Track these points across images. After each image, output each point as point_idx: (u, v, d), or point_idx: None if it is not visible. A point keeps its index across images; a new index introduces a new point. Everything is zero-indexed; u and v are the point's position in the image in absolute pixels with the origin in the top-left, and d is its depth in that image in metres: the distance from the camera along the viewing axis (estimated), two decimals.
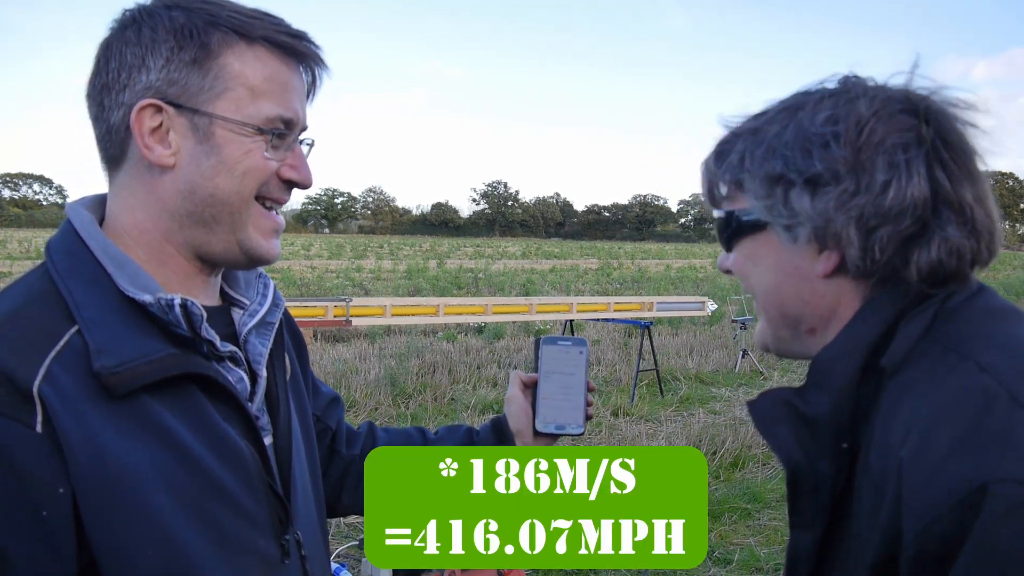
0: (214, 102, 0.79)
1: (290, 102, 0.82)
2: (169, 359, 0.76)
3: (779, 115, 0.76)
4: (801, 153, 0.72)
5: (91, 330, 0.74)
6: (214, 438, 0.79)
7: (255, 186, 0.82)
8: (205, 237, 0.82)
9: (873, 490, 0.65)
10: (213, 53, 0.78)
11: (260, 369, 0.90)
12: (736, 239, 0.82)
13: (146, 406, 0.74)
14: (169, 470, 0.74)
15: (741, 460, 5.51)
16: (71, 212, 0.83)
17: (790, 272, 0.77)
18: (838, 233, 0.71)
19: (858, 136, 0.70)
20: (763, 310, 0.83)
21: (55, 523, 0.69)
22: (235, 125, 0.79)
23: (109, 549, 0.71)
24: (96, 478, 0.70)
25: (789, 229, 0.75)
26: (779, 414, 0.75)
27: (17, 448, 0.67)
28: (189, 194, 0.80)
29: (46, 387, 0.69)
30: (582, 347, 1.17)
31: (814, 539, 0.73)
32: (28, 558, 0.68)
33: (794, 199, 0.73)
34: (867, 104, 0.71)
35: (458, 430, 1.21)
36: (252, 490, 0.82)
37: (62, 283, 0.76)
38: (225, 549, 0.78)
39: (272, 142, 0.81)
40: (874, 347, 0.71)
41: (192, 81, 0.78)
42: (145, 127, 0.78)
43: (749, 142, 0.78)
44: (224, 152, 0.79)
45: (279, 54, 0.81)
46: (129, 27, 0.79)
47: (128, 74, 0.78)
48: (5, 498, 0.67)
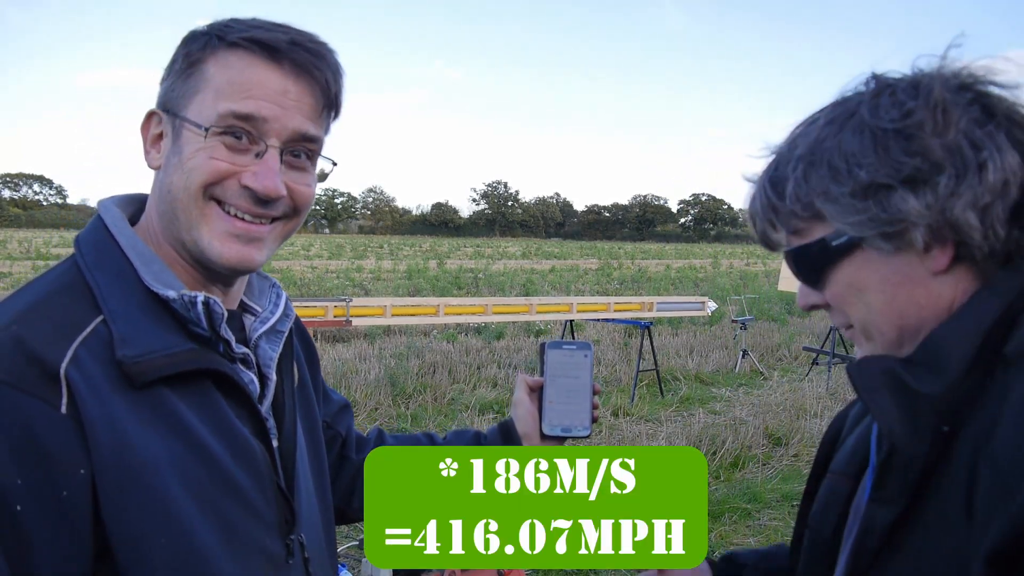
0: (187, 106, 0.82)
1: (254, 99, 0.79)
2: (190, 354, 0.78)
3: (826, 128, 0.73)
4: (882, 156, 0.69)
5: (116, 320, 0.76)
6: (228, 435, 0.80)
7: (200, 183, 0.80)
8: (176, 235, 0.84)
9: (998, 480, 0.63)
10: (197, 60, 0.82)
11: (270, 372, 0.92)
12: (827, 269, 0.76)
13: (165, 398, 0.76)
14: (185, 462, 0.76)
15: (741, 460, 5.51)
16: (102, 209, 0.86)
17: (900, 282, 0.73)
18: (956, 222, 0.68)
19: (942, 120, 0.68)
20: (875, 334, 0.76)
21: (75, 504, 0.70)
22: (192, 125, 0.81)
23: (124, 534, 0.72)
24: (116, 463, 0.72)
25: (890, 238, 0.71)
26: (884, 382, 0.72)
27: (42, 427, 0.69)
28: (164, 193, 0.83)
29: (73, 370, 0.72)
30: (587, 351, 1.18)
31: (894, 514, 0.72)
32: (47, 536, 0.69)
33: (897, 203, 0.69)
34: (925, 91, 0.70)
35: (465, 434, 1.22)
36: (262, 488, 0.83)
37: (90, 275, 0.79)
38: (234, 544, 0.79)
39: (225, 141, 0.80)
40: (991, 331, 0.69)
41: (178, 88, 0.83)
42: (149, 134, 0.85)
43: (806, 165, 0.74)
44: (183, 151, 0.82)
45: (256, 53, 0.80)
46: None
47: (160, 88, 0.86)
48: (28, 475, 0.68)
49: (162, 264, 0.82)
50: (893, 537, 0.73)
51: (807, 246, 0.76)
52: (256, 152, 0.82)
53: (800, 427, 6.15)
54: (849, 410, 0.95)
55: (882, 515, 0.73)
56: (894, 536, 0.72)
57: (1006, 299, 0.70)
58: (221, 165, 0.80)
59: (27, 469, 0.68)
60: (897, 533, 0.72)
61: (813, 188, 0.73)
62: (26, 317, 0.74)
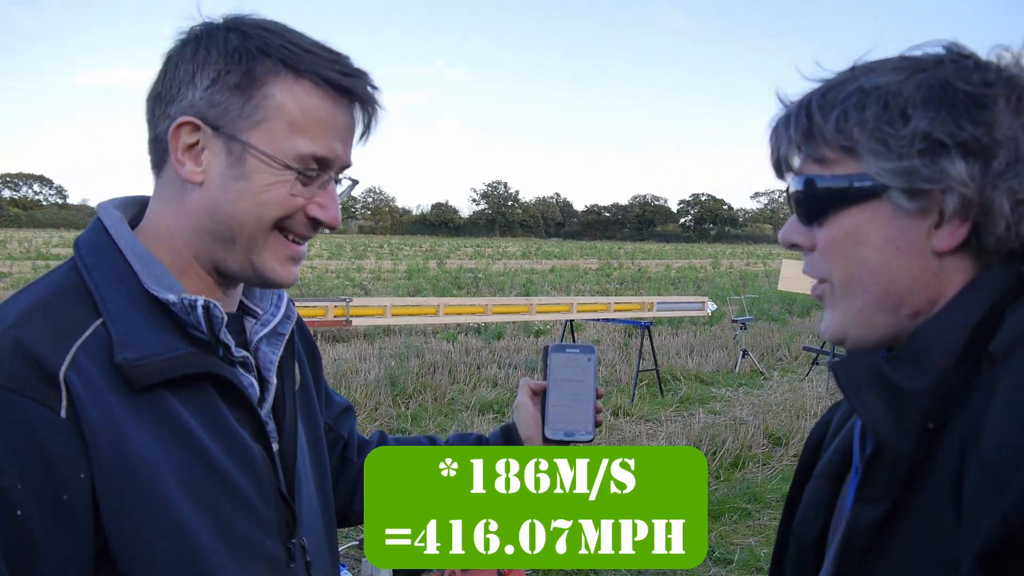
0: (251, 130, 0.79)
1: (329, 141, 0.81)
2: (189, 357, 0.78)
3: (895, 74, 0.70)
4: (947, 113, 0.67)
5: (115, 323, 0.76)
6: (228, 438, 0.80)
7: (275, 218, 0.82)
8: (222, 254, 0.83)
9: (986, 477, 0.62)
10: (258, 81, 0.78)
11: (270, 376, 0.91)
12: (834, 210, 0.72)
13: (164, 401, 0.76)
14: (185, 465, 0.76)
15: (741, 460, 5.51)
16: (102, 211, 0.85)
17: (902, 247, 0.70)
18: (990, 204, 0.66)
19: (1018, 102, 0.66)
20: (858, 292, 0.73)
21: (75, 508, 0.70)
22: (267, 157, 0.79)
23: (124, 538, 0.72)
24: (116, 466, 0.71)
25: (918, 197, 0.68)
26: (869, 379, 0.71)
27: (42, 431, 0.69)
28: (212, 212, 0.81)
29: (72, 374, 0.71)
30: (590, 354, 1.17)
31: (880, 513, 0.71)
32: (49, 540, 0.69)
33: (944, 163, 0.66)
34: (1008, 71, 0.68)
35: (468, 438, 1.22)
36: (262, 492, 0.83)
37: (89, 277, 0.79)
38: (234, 547, 0.79)
39: (300, 179, 0.81)
40: (977, 328, 0.68)
41: (233, 106, 0.79)
42: (181, 143, 0.80)
43: (860, 98, 0.70)
44: (252, 180, 0.80)
45: (328, 91, 0.80)
46: (189, 43, 0.81)
47: (178, 89, 0.80)
48: (29, 480, 0.68)
49: (162, 267, 0.81)
50: (879, 536, 0.72)
51: (824, 177, 0.72)
52: (320, 183, 0.83)
53: (800, 427, 6.15)
54: (833, 414, 0.94)
55: (868, 514, 0.72)
56: (880, 535, 0.72)
57: (992, 296, 0.69)
58: (298, 201, 0.82)
59: (27, 473, 0.68)
60: (883, 532, 0.72)
61: (863, 120, 0.70)
62: (25, 320, 0.73)
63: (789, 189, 0.77)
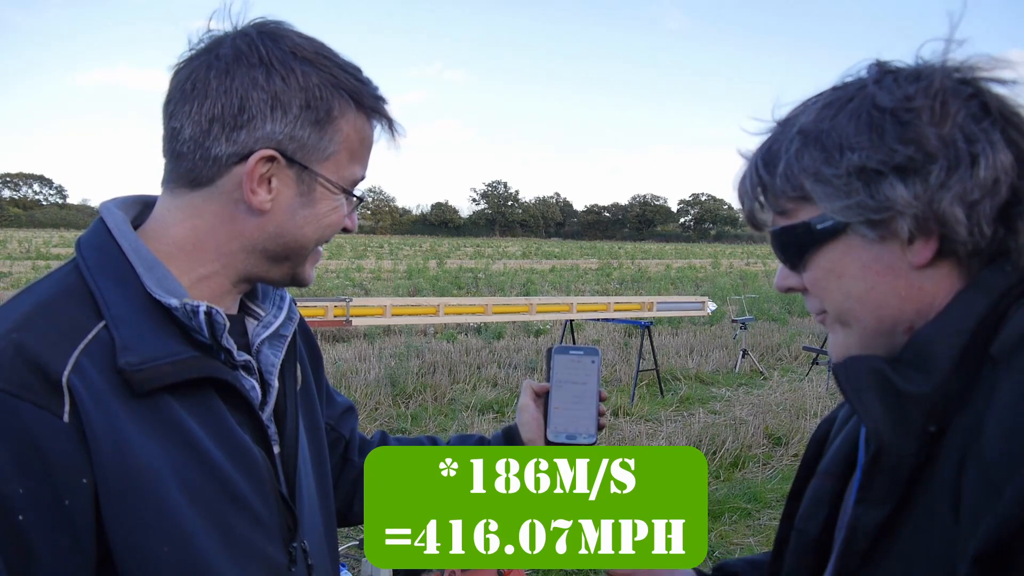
0: (323, 162, 0.83)
1: (367, 163, 0.89)
2: (192, 361, 0.78)
3: (824, 111, 0.72)
4: (876, 141, 0.69)
5: (118, 327, 0.75)
6: (229, 443, 0.80)
7: (330, 236, 0.88)
8: (267, 268, 0.87)
9: (986, 479, 0.62)
10: (334, 118, 0.82)
11: (272, 379, 0.91)
12: (809, 252, 0.75)
13: (166, 406, 0.75)
14: (186, 470, 0.75)
15: (741, 460, 5.51)
16: (104, 211, 0.84)
17: (881, 272, 0.72)
18: (943, 215, 0.67)
19: (940, 111, 0.67)
20: (851, 321, 0.76)
21: (77, 513, 0.70)
22: (333, 186, 0.84)
23: (126, 543, 0.72)
24: (118, 472, 0.71)
25: (875, 226, 0.70)
26: (871, 383, 0.71)
27: (45, 436, 0.68)
28: (276, 237, 0.84)
29: (75, 378, 0.71)
30: (594, 356, 1.16)
31: (882, 515, 0.71)
32: (50, 546, 0.69)
33: (886, 190, 0.68)
34: (927, 80, 0.69)
35: (470, 439, 1.22)
36: (263, 496, 0.83)
37: (91, 279, 0.78)
38: (235, 552, 0.79)
39: (351, 202, 0.88)
40: (977, 330, 0.68)
41: (311, 140, 0.82)
42: (257, 173, 0.80)
43: (800, 144, 0.73)
44: (318, 206, 0.84)
45: (372, 120, 0.87)
46: (257, 68, 0.79)
47: (250, 117, 0.79)
48: (31, 485, 0.68)
49: (166, 270, 0.80)
50: (881, 538, 0.72)
51: (792, 227, 0.75)
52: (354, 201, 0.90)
53: (800, 427, 6.15)
54: (838, 411, 0.94)
55: (869, 516, 0.73)
56: (882, 537, 0.72)
57: (992, 297, 0.69)
58: (345, 219, 0.89)
59: (29, 478, 0.68)
60: (885, 534, 0.72)
61: (804, 168, 0.72)
62: (27, 323, 0.73)
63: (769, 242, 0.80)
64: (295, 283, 0.90)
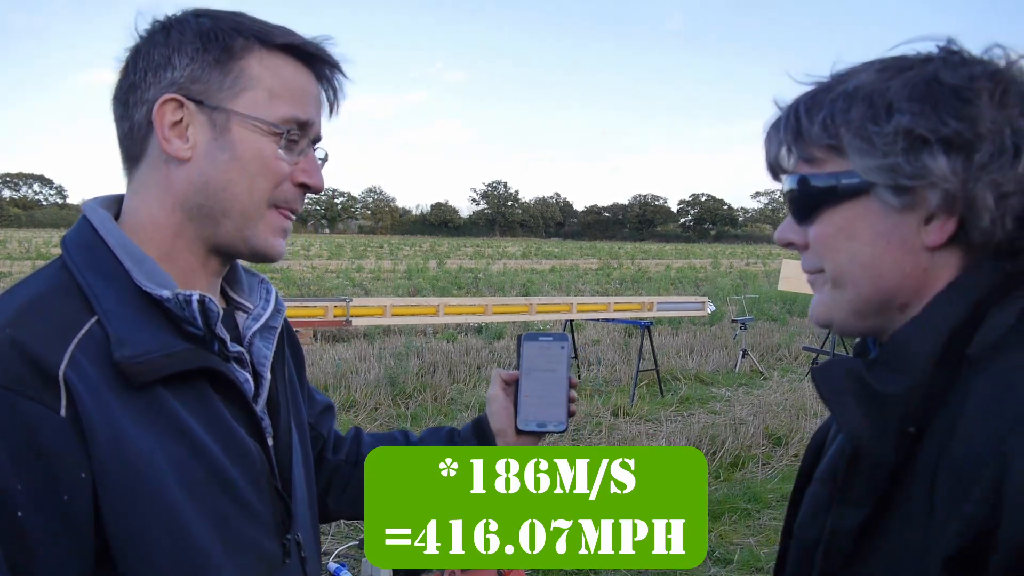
0: (233, 100, 0.82)
1: (306, 106, 0.85)
2: (187, 353, 0.78)
3: (880, 74, 0.71)
4: (930, 110, 0.67)
5: (111, 321, 0.76)
6: (224, 435, 0.80)
7: (268, 187, 0.84)
8: (213, 229, 0.84)
9: (956, 480, 0.63)
10: (235, 56, 0.82)
11: (264, 371, 0.91)
12: (825, 207, 0.73)
13: (162, 398, 0.76)
14: (183, 463, 0.75)
15: (741, 460, 5.51)
16: (88, 210, 0.85)
17: (893, 243, 0.71)
18: (973, 198, 0.66)
19: (1003, 95, 0.67)
20: (847, 285, 0.74)
21: (76, 508, 0.70)
22: (252, 121, 0.82)
23: (125, 537, 0.72)
24: (116, 466, 0.71)
25: (903, 193, 0.68)
26: (847, 385, 0.71)
27: (43, 431, 0.68)
28: (202, 187, 0.82)
29: (71, 372, 0.71)
30: (563, 342, 1.15)
31: (862, 517, 0.71)
32: (50, 542, 0.69)
33: (926, 158, 0.67)
34: (994, 67, 0.68)
35: (440, 431, 1.21)
36: (258, 489, 0.83)
37: (80, 276, 0.78)
38: (231, 545, 0.79)
39: (285, 143, 0.84)
40: (955, 331, 0.68)
41: (214, 80, 0.81)
42: (166, 120, 0.81)
43: (847, 98, 0.71)
44: (239, 148, 0.82)
45: (296, 62, 0.85)
46: (158, 32, 0.83)
47: (154, 73, 0.82)
48: (29, 480, 0.68)
49: (153, 263, 0.81)
50: (863, 539, 0.72)
51: (814, 176, 0.74)
52: (300, 150, 0.86)
53: (800, 427, 6.15)
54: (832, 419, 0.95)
55: (849, 518, 0.73)
56: (864, 538, 0.72)
57: (971, 298, 0.69)
58: (284, 167, 0.84)
59: (27, 474, 0.68)
60: (866, 536, 0.72)
61: (847, 120, 0.71)
62: (20, 319, 0.73)
63: (783, 189, 0.78)
64: (256, 254, 0.86)
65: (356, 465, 1.15)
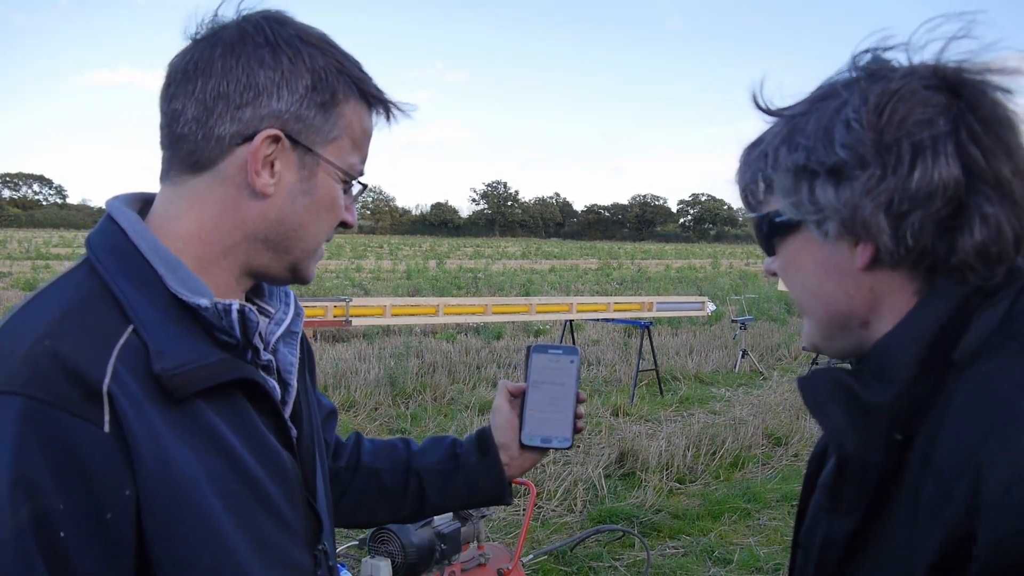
0: (326, 146, 0.82)
1: (367, 158, 0.88)
2: (225, 364, 0.76)
3: (808, 106, 0.72)
4: (823, 142, 0.68)
5: (148, 331, 0.73)
6: (260, 448, 0.79)
7: (331, 229, 0.86)
8: (267, 260, 0.83)
9: (937, 488, 0.62)
10: (338, 102, 0.81)
11: (291, 379, 0.90)
12: (773, 242, 0.78)
13: (200, 411, 0.74)
14: (222, 478, 0.74)
15: (741, 460, 5.51)
16: (115, 210, 0.80)
17: (830, 270, 0.73)
18: (867, 222, 0.67)
19: (879, 117, 0.66)
20: (808, 312, 0.78)
21: (118, 525, 0.68)
22: (335, 170, 0.83)
23: (167, 554, 0.70)
24: (160, 481, 0.69)
25: (819, 225, 0.71)
26: (833, 394, 0.71)
27: (86, 448, 0.66)
28: (277, 224, 0.81)
29: (115, 386, 0.69)
30: (573, 356, 1.12)
31: (852, 525, 0.71)
32: (89, 560, 0.67)
33: (818, 192, 0.69)
34: (887, 83, 0.67)
35: (442, 442, 1.17)
36: (291, 500, 0.82)
37: (113, 282, 0.75)
38: (267, 559, 0.78)
39: (349, 190, 0.87)
40: (938, 337, 0.67)
41: (316, 122, 0.80)
42: (261, 153, 0.78)
43: (777, 138, 0.74)
44: (319, 192, 0.82)
45: (370, 109, 0.86)
46: (263, 47, 0.78)
47: (256, 95, 0.77)
48: (71, 499, 0.66)
49: (187, 270, 0.77)
50: (855, 547, 0.72)
51: (760, 217, 0.78)
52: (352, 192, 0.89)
53: (800, 427, 6.15)
54: None
55: (839, 526, 0.72)
56: (856, 546, 0.72)
57: (952, 304, 0.68)
58: (343, 211, 0.87)
59: (69, 492, 0.65)
60: (858, 543, 0.72)
61: (770, 162, 0.74)
62: (58, 330, 0.70)
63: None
64: (297, 279, 0.88)
65: (355, 472, 1.14)
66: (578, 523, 4.41)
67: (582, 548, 3.97)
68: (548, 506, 4.58)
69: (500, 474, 1.12)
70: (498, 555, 2.48)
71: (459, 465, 1.12)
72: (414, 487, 1.13)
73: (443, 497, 1.13)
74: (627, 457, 5.31)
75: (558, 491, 4.70)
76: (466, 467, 1.12)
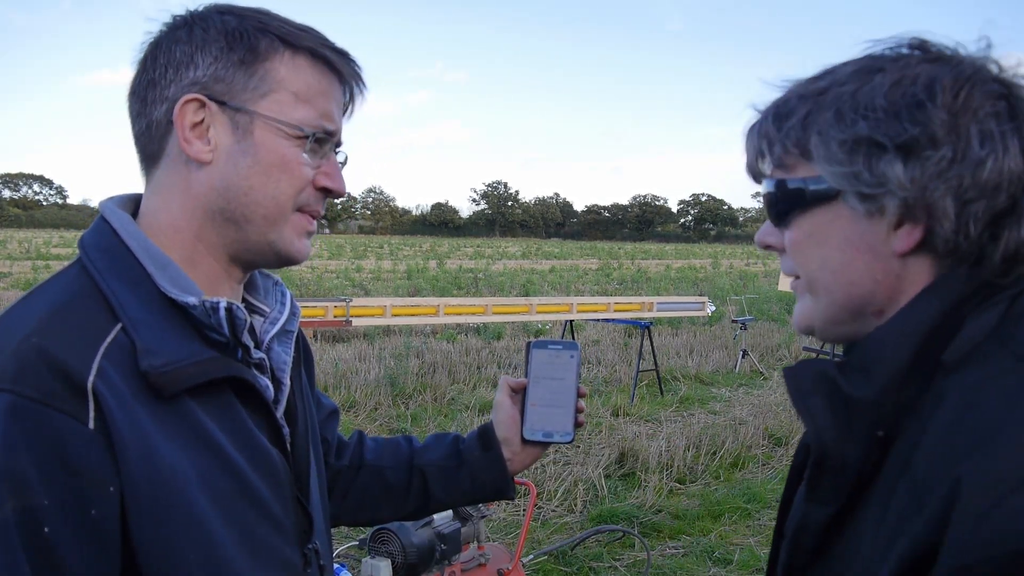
0: (257, 102, 0.80)
1: (330, 112, 0.83)
2: (214, 362, 0.76)
3: (852, 76, 0.70)
4: (890, 116, 0.66)
5: (137, 329, 0.73)
6: (249, 445, 0.79)
7: (292, 192, 0.81)
8: (235, 235, 0.81)
9: (911, 495, 0.61)
10: (260, 56, 0.80)
11: (284, 378, 0.90)
12: (795, 212, 0.73)
13: (188, 408, 0.74)
14: (210, 475, 0.74)
15: (741, 460, 5.51)
16: (107, 211, 0.82)
17: (861, 248, 0.70)
18: (932, 205, 0.65)
19: (955, 99, 0.65)
20: (822, 291, 0.74)
21: (103, 522, 0.68)
22: (275, 124, 0.80)
23: (153, 550, 0.70)
24: (145, 479, 0.69)
25: (868, 200, 0.68)
26: (818, 387, 0.70)
27: (71, 444, 0.66)
28: (224, 191, 0.80)
29: (100, 383, 0.69)
30: (573, 351, 1.13)
31: (827, 515, 0.71)
32: (76, 557, 0.67)
33: (883, 166, 0.66)
34: (959, 68, 0.67)
35: (444, 439, 1.18)
36: (281, 498, 0.82)
37: (103, 281, 0.76)
38: (257, 556, 0.78)
39: (309, 148, 0.82)
40: (929, 336, 0.67)
41: (238, 80, 0.79)
42: (187, 121, 0.78)
43: (817, 104, 0.71)
44: (261, 152, 0.80)
45: (321, 66, 0.83)
46: (181, 28, 0.80)
47: (176, 70, 0.79)
48: (56, 495, 0.66)
49: (177, 268, 0.78)
50: (828, 537, 0.72)
51: (786, 182, 0.74)
52: (323, 154, 0.84)
53: (800, 427, 6.12)
54: None
55: (814, 515, 0.72)
56: (829, 536, 0.71)
57: (946, 303, 0.67)
58: (307, 171, 0.82)
59: (54, 488, 0.66)
60: (831, 533, 0.71)
61: (813, 126, 0.70)
62: (46, 327, 0.70)
63: (762, 192, 0.78)
64: (281, 258, 0.84)
65: (359, 471, 1.14)
66: (578, 523, 4.41)
67: (582, 548, 3.97)
68: (548, 506, 4.58)
69: (503, 469, 1.13)
70: (498, 555, 2.48)
71: (462, 461, 1.13)
72: (418, 484, 1.13)
73: (447, 493, 1.14)
74: (627, 457, 5.31)
75: (558, 491, 4.70)
76: (469, 463, 1.13)
